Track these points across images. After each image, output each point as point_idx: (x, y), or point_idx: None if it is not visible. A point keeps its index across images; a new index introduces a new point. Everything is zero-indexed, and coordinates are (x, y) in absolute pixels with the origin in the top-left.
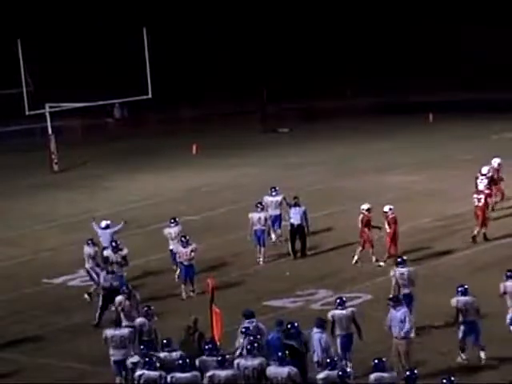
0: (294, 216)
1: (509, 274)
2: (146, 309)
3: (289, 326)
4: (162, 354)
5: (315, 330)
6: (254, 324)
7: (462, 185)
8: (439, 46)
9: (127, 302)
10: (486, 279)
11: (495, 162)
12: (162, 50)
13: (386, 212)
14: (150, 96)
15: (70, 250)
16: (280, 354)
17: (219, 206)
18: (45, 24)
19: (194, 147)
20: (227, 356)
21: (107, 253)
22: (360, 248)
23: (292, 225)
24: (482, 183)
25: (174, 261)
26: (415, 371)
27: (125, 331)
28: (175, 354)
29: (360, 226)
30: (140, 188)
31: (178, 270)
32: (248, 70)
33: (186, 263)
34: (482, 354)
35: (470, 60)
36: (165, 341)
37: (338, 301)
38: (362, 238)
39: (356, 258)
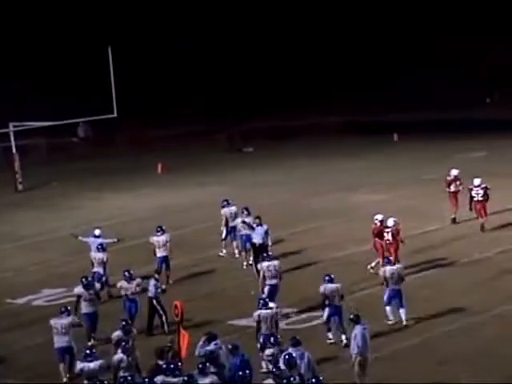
0: (257, 236)
1: (386, 260)
2: (123, 344)
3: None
4: (81, 365)
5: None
6: (218, 345)
7: (429, 203)
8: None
9: (127, 359)
10: (444, 297)
11: (453, 172)
12: (128, 67)
13: (390, 226)
14: (115, 115)
15: (34, 269)
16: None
17: (186, 225)
18: (8, 43)
19: (160, 166)
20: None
21: (78, 290)
22: (378, 259)
23: (254, 244)
24: (479, 194)
25: (160, 266)
26: (320, 378)
27: (68, 319)
28: (93, 364)
29: (372, 236)
30: (105, 207)
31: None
32: (215, 89)
33: (130, 297)
34: (343, 337)
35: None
36: (87, 351)
37: (262, 301)
38: (377, 250)
39: (372, 265)
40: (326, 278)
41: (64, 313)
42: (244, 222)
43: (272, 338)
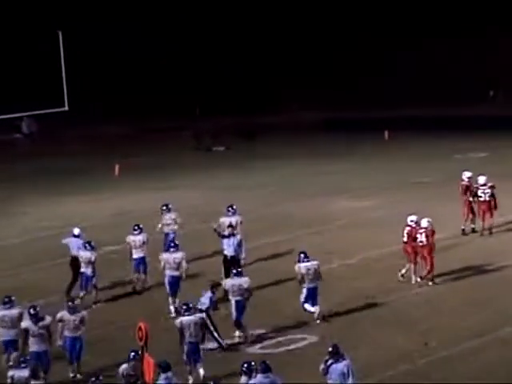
0: (228, 247)
1: (302, 256)
2: (133, 354)
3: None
4: (12, 372)
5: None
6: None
7: (419, 211)
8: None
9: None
10: (442, 317)
11: (466, 175)
12: (81, 55)
13: (426, 228)
14: (66, 108)
15: None
16: None
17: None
18: None
19: (117, 168)
20: None
21: (26, 324)
22: (408, 264)
23: (225, 256)
24: (487, 194)
25: (136, 268)
26: None
27: (15, 312)
28: (24, 372)
29: (406, 239)
30: (54, 214)
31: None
32: (180, 82)
33: (70, 335)
34: (237, 333)
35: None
36: (22, 358)
37: (185, 307)
38: (409, 254)
39: (403, 271)
40: (234, 271)
41: (7, 303)
42: (231, 226)
43: (246, 365)
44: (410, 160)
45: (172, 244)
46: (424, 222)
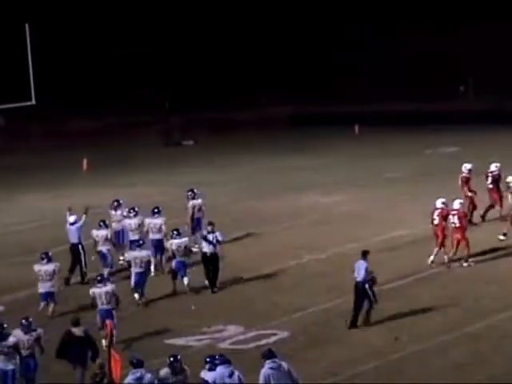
0: (207, 244)
1: (174, 233)
2: (172, 358)
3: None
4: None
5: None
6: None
7: (389, 206)
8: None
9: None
10: (414, 312)
11: (465, 167)
12: (49, 47)
13: (458, 209)
14: (33, 102)
15: None
16: None
17: None
18: None
19: (85, 163)
20: None
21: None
22: (437, 248)
23: (205, 254)
24: (488, 181)
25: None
26: None
27: (51, 267)
28: None
29: (437, 222)
30: (19, 210)
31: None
32: (149, 76)
33: (25, 353)
34: (137, 296)
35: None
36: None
37: (99, 278)
38: (439, 237)
39: (432, 258)
40: (137, 243)
41: (44, 259)
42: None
43: (209, 359)
44: (381, 155)
45: (156, 210)
46: (456, 204)
